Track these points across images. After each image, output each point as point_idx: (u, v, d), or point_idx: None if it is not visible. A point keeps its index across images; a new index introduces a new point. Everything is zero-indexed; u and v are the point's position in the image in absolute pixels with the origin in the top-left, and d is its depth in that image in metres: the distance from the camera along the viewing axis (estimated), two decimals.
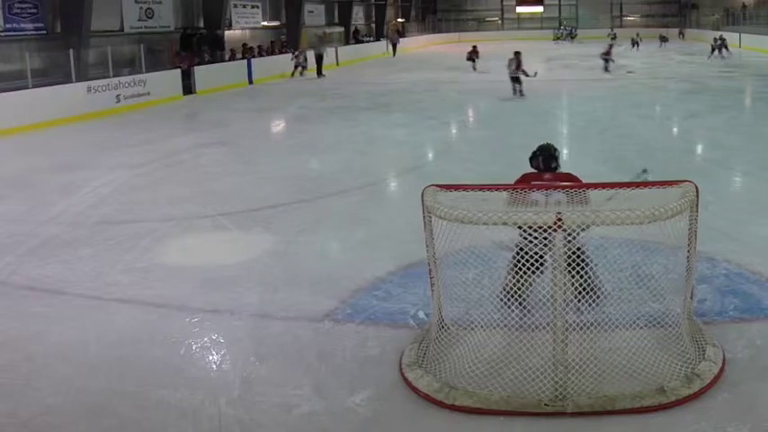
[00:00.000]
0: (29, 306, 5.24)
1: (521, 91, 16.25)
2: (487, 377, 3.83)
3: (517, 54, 16.17)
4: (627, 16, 46.74)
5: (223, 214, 7.48)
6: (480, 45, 25.25)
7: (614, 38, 38.89)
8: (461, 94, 18.16)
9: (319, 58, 24.17)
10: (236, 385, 4.02)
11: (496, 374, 3.84)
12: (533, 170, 4.83)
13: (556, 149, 4.89)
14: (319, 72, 23.83)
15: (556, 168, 4.80)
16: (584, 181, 4.42)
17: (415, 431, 3.63)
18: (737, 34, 30.99)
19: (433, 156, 10.90)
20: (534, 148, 4.90)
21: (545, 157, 4.80)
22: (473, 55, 24.36)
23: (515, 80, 16.36)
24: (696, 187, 3.86)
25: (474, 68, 23.79)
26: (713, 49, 26.94)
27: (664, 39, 35.69)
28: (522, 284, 4.01)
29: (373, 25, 37.94)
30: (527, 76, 16.15)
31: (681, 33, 40.31)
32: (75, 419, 3.76)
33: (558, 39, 42.15)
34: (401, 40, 35.87)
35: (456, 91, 18.85)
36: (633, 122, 12.76)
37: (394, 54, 33.41)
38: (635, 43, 33.33)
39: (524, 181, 4.61)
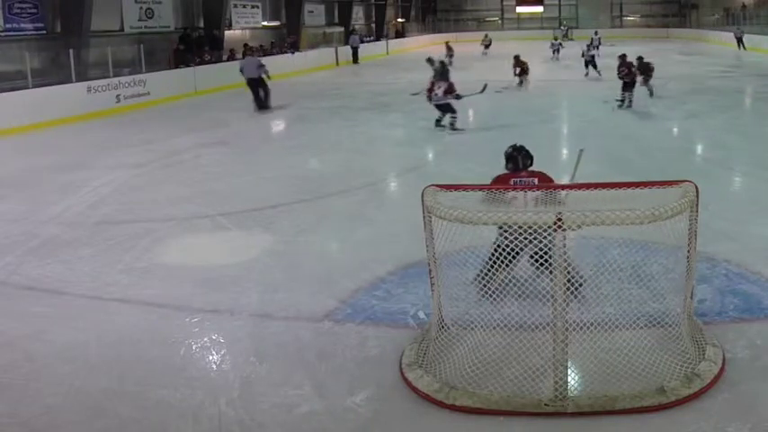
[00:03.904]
0: (29, 306, 5.25)
1: (452, 123, 12.17)
2: (487, 377, 3.83)
3: (443, 65, 12.10)
4: (627, 16, 46.72)
5: (223, 214, 7.48)
6: (480, 45, 25.43)
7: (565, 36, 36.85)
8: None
9: (255, 84, 15.63)
10: (236, 385, 4.03)
11: (496, 374, 3.84)
12: (507, 171, 4.99)
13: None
14: (260, 105, 15.65)
15: (530, 166, 5.00)
16: (579, 181, 4.61)
17: (415, 431, 3.63)
18: None
19: (432, 156, 10.89)
20: (506, 152, 5.07)
21: (523, 156, 4.98)
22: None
23: (444, 108, 12.21)
24: (696, 187, 3.86)
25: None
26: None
27: (555, 48, 28.21)
28: (494, 276, 4.07)
29: (373, 25, 37.96)
30: (458, 98, 12.20)
31: None
32: (75, 419, 3.77)
33: (488, 47, 32.41)
34: (360, 45, 30.46)
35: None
36: (633, 122, 12.75)
37: (355, 61, 29.22)
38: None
39: (501, 181, 4.81)
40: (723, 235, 6.09)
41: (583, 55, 21.29)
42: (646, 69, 14.87)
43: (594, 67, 20.29)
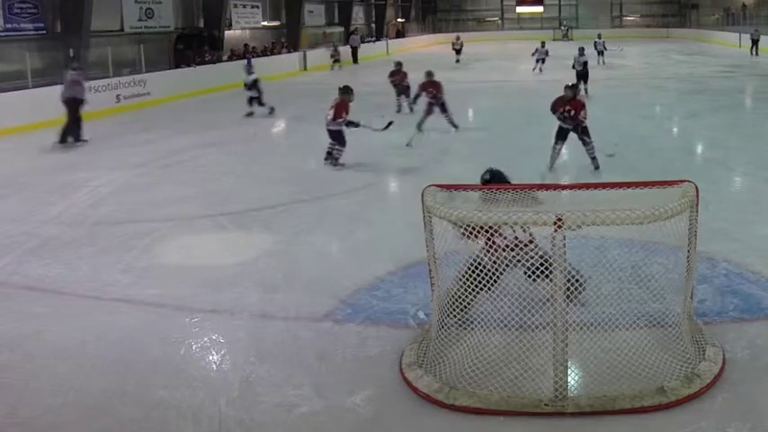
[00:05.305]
0: (29, 306, 5.24)
1: (336, 157, 9.65)
2: (487, 377, 3.83)
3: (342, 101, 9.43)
4: (627, 16, 46.73)
5: (223, 214, 7.49)
6: (481, 45, 25.27)
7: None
8: (461, 94, 18.15)
9: (69, 106, 12.08)
10: (236, 385, 4.03)
11: (496, 374, 3.84)
12: None
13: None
14: (65, 136, 11.86)
15: None
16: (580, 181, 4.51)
17: (415, 431, 3.63)
18: (737, 34, 30.99)
19: (433, 156, 10.88)
20: (486, 173, 4.91)
21: (498, 182, 4.80)
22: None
23: (333, 136, 9.74)
24: (696, 187, 3.86)
25: None
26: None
27: (540, 56, 23.57)
28: (471, 299, 4.06)
29: (373, 25, 37.96)
30: (353, 126, 9.68)
31: None
32: (75, 419, 3.77)
33: (460, 51, 29.52)
34: (360, 45, 30.48)
35: (455, 91, 18.83)
36: (633, 122, 12.75)
37: (355, 61, 29.28)
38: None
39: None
40: (723, 235, 6.09)
41: (573, 66, 17.28)
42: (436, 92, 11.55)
43: (586, 80, 16.57)
